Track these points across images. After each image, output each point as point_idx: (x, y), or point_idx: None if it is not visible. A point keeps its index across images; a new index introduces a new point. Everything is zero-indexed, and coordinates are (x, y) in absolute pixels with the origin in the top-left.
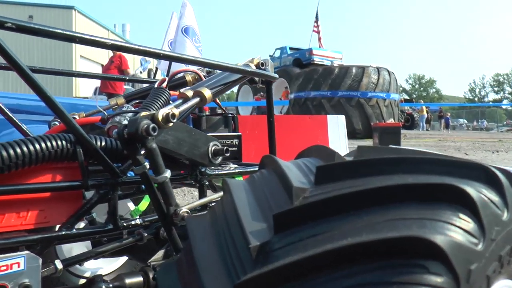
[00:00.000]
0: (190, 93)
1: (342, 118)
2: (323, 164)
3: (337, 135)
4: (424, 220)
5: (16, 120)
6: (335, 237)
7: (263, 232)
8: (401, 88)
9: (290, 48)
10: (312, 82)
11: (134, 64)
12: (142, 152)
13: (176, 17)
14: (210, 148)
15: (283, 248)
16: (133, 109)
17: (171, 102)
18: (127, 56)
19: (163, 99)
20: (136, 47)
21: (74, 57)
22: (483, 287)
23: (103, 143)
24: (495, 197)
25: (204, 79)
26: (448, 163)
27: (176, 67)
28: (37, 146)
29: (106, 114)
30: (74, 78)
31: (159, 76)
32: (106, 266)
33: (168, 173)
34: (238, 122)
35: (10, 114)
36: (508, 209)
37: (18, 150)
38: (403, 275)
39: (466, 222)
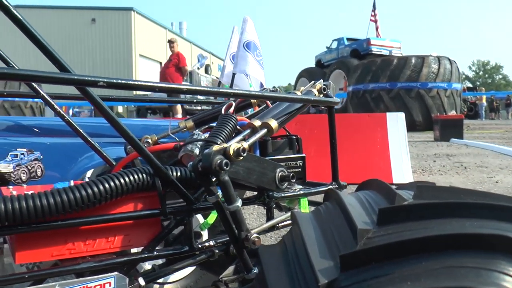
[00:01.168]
0: (257, 123)
1: (401, 116)
2: (384, 206)
3: (396, 133)
4: (480, 270)
5: (95, 144)
6: (396, 281)
7: (330, 269)
8: (463, 76)
9: (348, 39)
10: (370, 74)
11: (191, 60)
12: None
13: (237, 31)
14: (277, 175)
15: (349, 286)
16: (203, 136)
17: (238, 127)
18: (185, 53)
19: (231, 126)
20: (208, 89)
21: (134, 56)
22: None
23: (179, 174)
24: None
25: (270, 105)
26: (506, 209)
27: (239, 79)
28: (122, 181)
29: (177, 139)
30: (133, 75)
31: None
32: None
33: (239, 202)
34: (301, 142)
35: (89, 138)
36: None
37: (107, 186)
38: None
39: None
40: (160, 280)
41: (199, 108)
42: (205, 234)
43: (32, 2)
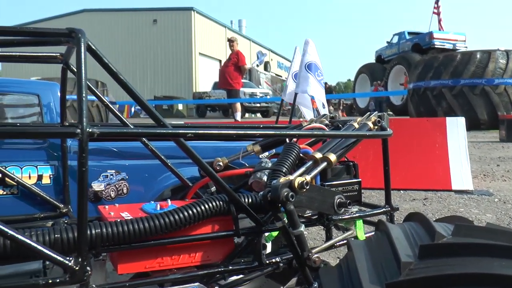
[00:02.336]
0: (318, 155)
1: (461, 120)
2: (426, 243)
3: (456, 138)
4: None
5: (171, 165)
6: None
7: None
8: None
9: (409, 33)
10: (432, 71)
11: (251, 58)
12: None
13: (299, 51)
14: (335, 201)
15: None
16: (269, 164)
17: (301, 154)
18: (244, 50)
19: (294, 155)
20: (275, 132)
21: (194, 54)
22: None
23: (250, 200)
24: None
25: (326, 130)
26: None
27: (301, 97)
28: (204, 207)
29: (246, 164)
30: (193, 74)
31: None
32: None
33: (302, 227)
34: (358, 168)
35: (166, 160)
36: None
37: (192, 212)
38: None
39: None
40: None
41: (258, 105)
42: (268, 245)
43: (96, 6)
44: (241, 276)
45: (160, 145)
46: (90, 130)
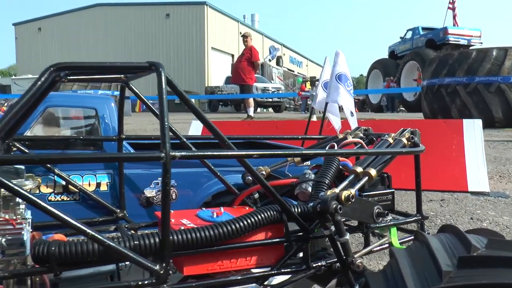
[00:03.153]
0: (359, 169)
1: (478, 122)
2: (464, 255)
3: (473, 140)
4: None
5: (220, 174)
6: None
7: None
8: None
9: (423, 28)
10: (446, 68)
11: (263, 52)
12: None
13: (329, 61)
14: (374, 212)
15: None
16: (312, 175)
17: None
18: (257, 45)
19: (335, 167)
20: (316, 151)
21: (206, 48)
22: None
23: (299, 210)
24: None
25: (366, 148)
26: None
27: (331, 106)
28: (260, 217)
29: (290, 175)
30: (206, 68)
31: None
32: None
33: (347, 236)
34: (391, 179)
35: (214, 169)
36: None
37: (250, 221)
38: None
39: None
40: (274, 283)
41: (270, 100)
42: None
43: (109, 0)
44: (289, 276)
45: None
46: (172, 154)
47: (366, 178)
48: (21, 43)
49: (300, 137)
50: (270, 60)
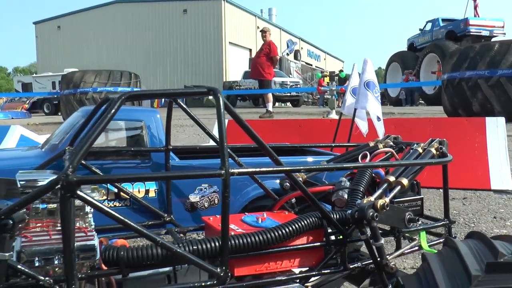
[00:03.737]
0: (392, 179)
1: (502, 120)
2: (492, 261)
3: (496, 138)
4: None
5: (260, 181)
6: None
7: None
8: None
9: (443, 20)
10: (467, 61)
11: (281, 46)
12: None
13: (357, 68)
14: (405, 218)
15: None
16: (348, 183)
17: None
18: (275, 39)
19: (368, 175)
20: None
21: (224, 43)
22: None
23: (338, 216)
24: None
25: (399, 160)
26: None
27: (359, 111)
28: (304, 223)
29: (326, 182)
30: (223, 63)
31: (304, 58)
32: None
33: (382, 240)
34: (420, 185)
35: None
36: None
37: (295, 227)
38: None
39: None
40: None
41: (288, 94)
42: None
43: None
44: (327, 276)
45: (246, 161)
46: (231, 171)
47: (399, 187)
48: (41, 41)
49: (333, 145)
50: (288, 54)
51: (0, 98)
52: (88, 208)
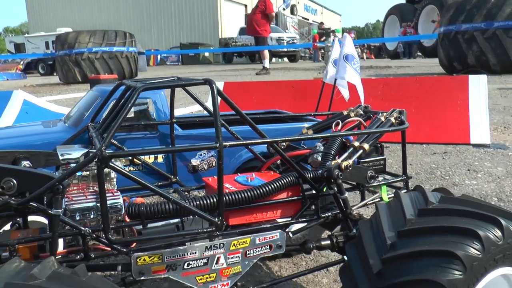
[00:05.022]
0: (356, 144)
1: (484, 78)
2: (422, 208)
3: (477, 96)
4: (456, 242)
5: (250, 146)
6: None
7: (392, 237)
8: None
9: None
10: (464, 14)
11: (277, 1)
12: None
13: (338, 42)
14: (367, 175)
15: (402, 245)
16: (322, 147)
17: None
18: None
19: (339, 141)
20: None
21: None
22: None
23: (311, 175)
24: (491, 235)
25: (363, 129)
26: (477, 215)
27: (340, 81)
28: (285, 181)
29: (305, 147)
30: (219, 19)
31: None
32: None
33: (346, 194)
34: (383, 148)
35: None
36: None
37: (278, 184)
38: (443, 264)
39: (475, 245)
40: (293, 230)
41: (285, 50)
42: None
43: None
44: (304, 224)
45: (238, 129)
46: (224, 144)
47: (361, 151)
48: (32, 0)
49: (312, 114)
50: (284, 9)
51: None
52: (113, 174)
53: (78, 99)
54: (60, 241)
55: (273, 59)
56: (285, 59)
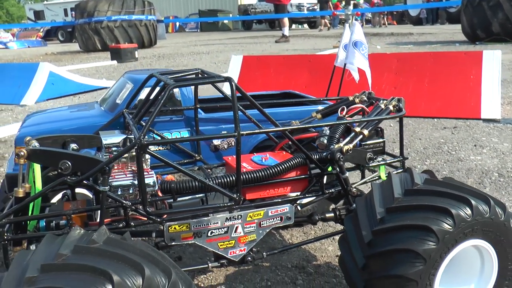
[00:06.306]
0: (357, 129)
1: (498, 54)
2: (408, 188)
3: (490, 71)
4: (433, 218)
5: (262, 127)
6: (414, 219)
7: (382, 212)
8: None
9: None
10: None
11: None
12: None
13: (348, 29)
14: (366, 156)
15: (389, 219)
16: (328, 131)
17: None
18: None
19: (343, 126)
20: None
21: None
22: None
23: (317, 157)
24: (462, 213)
25: (368, 114)
26: (452, 196)
27: (350, 66)
28: (295, 161)
29: (313, 130)
30: None
31: None
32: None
33: (347, 173)
34: (383, 131)
35: (259, 124)
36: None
37: (289, 164)
38: (420, 235)
39: (448, 221)
40: (302, 203)
41: (305, 16)
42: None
43: None
44: (311, 199)
45: (252, 113)
46: (242, 132)
47: (361, 136)
48: None
49: (322, 99)
50: None
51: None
52: (147, 156)
53: (99, 68)
54: (98, 212)
55: (293, 26)
56: (305, 25)
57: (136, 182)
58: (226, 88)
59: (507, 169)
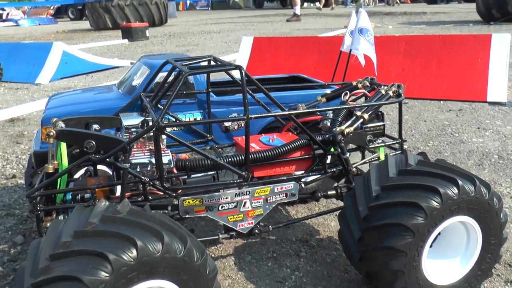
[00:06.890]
0: (358, 113)
1: (507, 37)
2: (403, 168)
3: (498, 55)
4: (422, 196)
5: (271, 110)
6: (405, 197)
7: (377, 190)
8: None
9: None
10: None
11: None
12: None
13: (355, 15)
14: (366, 139)
15: (383, 196)
16: (331, 115)
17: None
18: None
19: (345, 111)
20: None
21: None
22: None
23: (320, 138)
24: (449, 191)
25: (369, 99)
26: (441, 176)
27: (355, 51)
28: (300, 142)
29: (318, 113)
30: None
31: None
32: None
33: (348, 154)
34: (384, 116)
35: (266, 107)
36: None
37: (295, 145)
38: (409, 211)
39: (436, 198)
40: (307, 181)
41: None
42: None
43: None
44: (315, 177)
45: (260, 96)
46: (251, 116)
47: (362, 119)
48: None
49: (327, 84)
50: None
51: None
52: (163, 136)
53: (110, 46)
54: (118, 186)
55: (305, 4)
56: (317, 3)
57: (153, 160)
58: (236, 73)
59: (507, 152)
